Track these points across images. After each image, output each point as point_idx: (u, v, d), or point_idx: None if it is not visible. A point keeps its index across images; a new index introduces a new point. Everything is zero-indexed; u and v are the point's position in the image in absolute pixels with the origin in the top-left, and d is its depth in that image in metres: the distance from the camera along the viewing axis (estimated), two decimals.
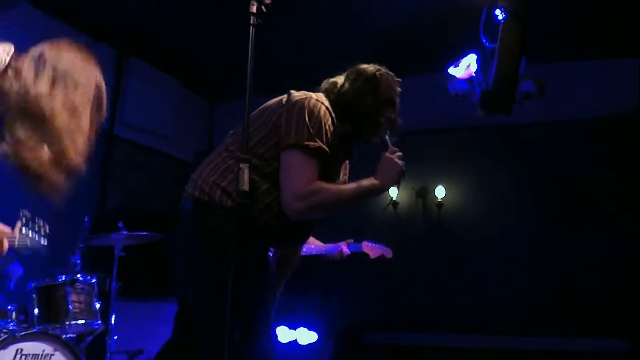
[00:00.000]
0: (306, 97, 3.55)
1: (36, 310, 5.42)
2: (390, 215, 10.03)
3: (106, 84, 8.11)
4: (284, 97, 3.63)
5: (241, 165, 2.92)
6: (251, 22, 3.17)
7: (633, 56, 8.72)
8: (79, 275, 5.60)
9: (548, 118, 8.88)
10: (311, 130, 3.40)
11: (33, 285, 5.48)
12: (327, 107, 3.57)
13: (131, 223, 6.33)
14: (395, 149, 3.81)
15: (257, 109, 3.66)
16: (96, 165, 9.22)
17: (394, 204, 10.04)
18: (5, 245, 4.10)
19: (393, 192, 10.02)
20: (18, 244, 4.18)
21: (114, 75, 9.53)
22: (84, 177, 7.55)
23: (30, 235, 4.34)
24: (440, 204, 9.81)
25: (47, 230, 4.45)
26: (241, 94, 3.31)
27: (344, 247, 6.01)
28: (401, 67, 9.09)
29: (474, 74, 5.62)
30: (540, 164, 9.12)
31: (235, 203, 2.97)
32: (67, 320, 5.43)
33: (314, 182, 3.38)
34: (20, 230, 4.28)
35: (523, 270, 8.83)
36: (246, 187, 2.89)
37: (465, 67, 5.63)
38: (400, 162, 3.74)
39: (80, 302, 5.56)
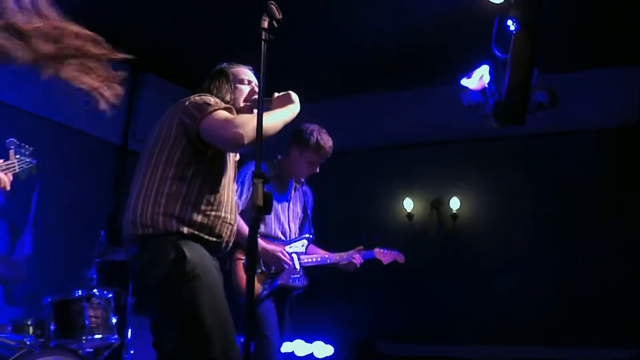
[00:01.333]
0: (188, 98, 3.84)
1: (53, 325, 5.42)
2: (405, 227, 10.04)
3: (120, 99, 8.13)
4: (164, 117, 3.91)
5: (255, 180, 2.95)
6: (263, 37, 3.21)
7: None
8: (95, 290, 5.62)
9: (561, 128, 8.87)
10: (208, 102, 3.69)
11: (49, 300, 5.49)
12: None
13: None
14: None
15: (151, 137, 3.88)
16: (110, 179, 9.28)
17: (409, 216, 10.05)
18: (5, 178, 4.15)
19: (408, 204, 10.04)
20: (18, 170, 4.25)
21: (128, 89, 9.55)
22: (99, 191, 7.55)
23: (23, 159, 4.41)
24: (455, 215, 9.82)
25: (31, 149, 4.56)
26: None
27: (357, 256, 6.05)
28: (414, 79, 9.21)
29: (486, 85, 5.65)
30: (554, 174, 9.11)
31: (253, 219, 3.04)
32: (84, 335, 5.45)
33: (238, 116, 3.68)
34: (15, 156, 4.35)
35: (536, 281, 8.82)
36: (261, 202, 2.92)
37: (478, 78, 5.66)
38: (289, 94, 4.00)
39: (97, 317, 5.58)
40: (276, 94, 3.98)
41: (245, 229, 5.10)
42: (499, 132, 7.42)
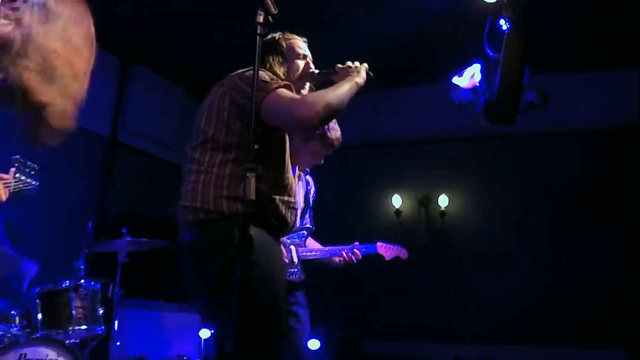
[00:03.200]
0: (239, 74, 3.68)
1: (39, 316, 5.41)
2: (393, 224, 10.08)
3: (110, 91, 8.18)
4: (216, 87, 3.78)
5: (248, 174, 2.91)
6: (258, 31, 3.19)
7: (635, 67, 8.77)
8: (82, 281, 5.60)
9: (550, 128, 8.92)
10: (264, 79, 3.47)
11: (37, 290, 5.47)
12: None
13: (133, 229, 6.35)
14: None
15: (199, 120, 3.73)
16: (99, 170, 9.29)
17: (397, 212, 10.08)
18: (3, 193, 4.12)
19: (396, 201, 10.07)
20: (14, 189, 4.21)
21: (118, 82, 9.62)
22: (87, 182, 7.55)
23: (23, 178, 4.36)
24: (443, 213, 9.87)
25: (37, 168, 4.49)
26: None
27: (356, 251, 5.92)
28: (405, 77, 9.24)
29: (478, 84, 5.66)
30: (543, 173, 9.16)
31: (243, 211, 2.95)
32: (71, 326, 5.43)
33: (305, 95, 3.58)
34: (15, 174, 4.30)
35: (524, 280, 8.87)
36: (252, 197, 2.90)
37: (470, 76, 5.67)
38: (355, 66, 3.94)
39: (83, 308, 5.56)
40: (339, 65, 3.90)
41: None
42: (489, 131, 7.44)
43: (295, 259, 5.50)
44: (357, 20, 7.98)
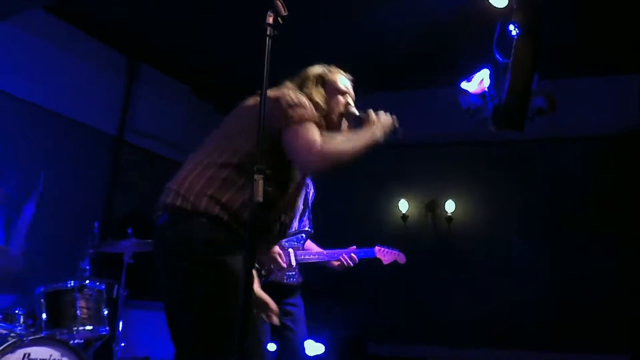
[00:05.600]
0: (282, 89, 3.60)
1: (44, 315, 5.44)
2: (400, 229, 10.09)
3: (116, 89, 8.17)
4: (253, 98, 3.64)
5: (256, 176, 2.92)
6: (267, 32, 3.18)
7: None
8: (87, 281, 5.61)
9: (557, 134, 8.91)
10: (301, 105, 3.45)
11: (41, 290, 5.50)
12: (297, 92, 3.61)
13: (138, 230, 6.35)
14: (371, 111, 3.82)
15: (231, 116, 3.75)
16: (105, 170, 9.30)
17: (404, 217, 10.09)
18: None
19: (403, 205, 10.08)
20: None
21: (125, 81, 9.64)
22: (93, 181, 7.54)
23: None
24: (449, 218, 9.87)
25: None
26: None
27: (353, 255, 5.92)
28: (413, 81, 9.23)
29: (486, 89, 5.65)
30: (551, 179, 9.16)
31: (252, 215, 2.94)
32: (75, 326, 5.45)
33: (323, 138, 3.41)
34: None
35: (529, 286, 8.88)
36: (260, 199, 2.90)
37: (478, 81, 5.66)
38: (384, 116, 3.83)
39: (88, 308, 5.57)
40: (371, 112, 3.81)
41: None
42: (495, 137, 7.44)
43: (294, 262, 5.51)
44: (363, 24, 7.99)
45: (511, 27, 5.18)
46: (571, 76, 8.88)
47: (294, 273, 5.56)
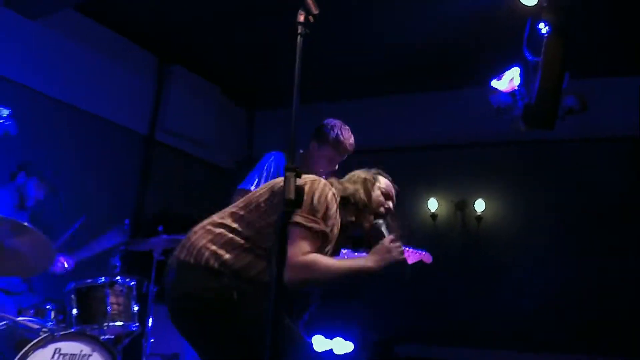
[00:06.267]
0: (315, 180, 3.59)
1: (75, 311, 5.47)
2: (429, 227, 10.07)
3: (148, 90, 8.24)
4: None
5: (287, 174, 2.94)
6: (299, 31, 3.18)
7: None
8: (118, 278, 5.64)
9: (588, 134, 8.85)
10: (317, 212, 3.44)
11: (72, 285, 5.53)
12: (334, 193, 3.60)
13: (169, 227, 6.39)
14: (394, 239, 3.70)
15: (263, 188, 3.72)
16: (136, 169, 9.38)
17: (433, 216, 10.08)
18: None
19: (432, 204, 10.07)
20: None
21: (156, 81, 9.74)
22: (124, 180, 7.59)
23: None
24: (479, 217, 9.83)
25: (7, 113, 4.41)
26: (281, 103, 3.38)
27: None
28: (443, 81, 9.21)
29: (517, 88, 5.64)
30: (581, 179, 9.09)
31: (282, 211, 2.94)
32: (105, 322, 5.46)
33: (310, 255, 3.38)
34: None
35: (559, 287, 8.81)
36: (292, 196, 2.91)
37: (509, 80, 5.65)
38: (396, 251, 3.65)
39: (118, 304, 5.59)
40: (387, 240, 3.69)
41: None
42: (525, 136, 7.40)
43: None
44: (395, 25, 7.99)
45: (541, 25, 5.17)
46: (603, 75, 8.82)
47: None
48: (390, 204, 3.93)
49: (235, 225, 3.49)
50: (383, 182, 3.96)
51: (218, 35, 8.95)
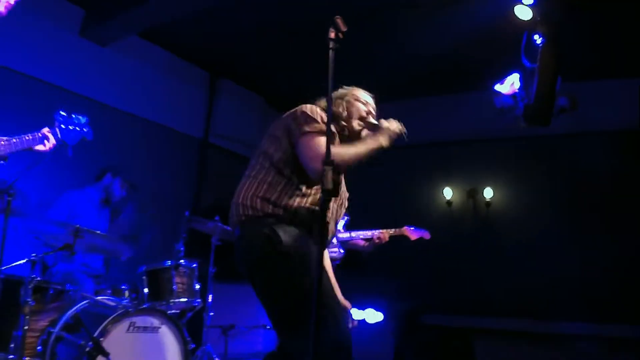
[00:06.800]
0: (302, 105, 3.70)
1: (146, 290, 5.59)
2: (445, 213, 10.12)
3: (201, 100, 8.33)
4: (280, 118, 3.79)
5: (325, 167, 3.01)
6: (330, 46, 3.24)
7: None
8: (182, 261, 5.74)
9: (582, 129, 8.84)
10: (315, 120, 3.55)
11: (144, 268, 5.64)
12: (321, 109, 3.69)
13: (223, 220, 6.47)
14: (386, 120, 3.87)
15: (265, 135, 3.82)
16: (193, 167, 9.53)
17: (449, 203, 10.12)
18: (49, 141, 4.10)
19: (447, 192, 10.11)
20: (61, 136, 4.20)
21: (208, 93, 9.90)
22: (184, 178, 7.69)
23: (69, 127, 4.32)
24: (488, 203, 9.86)
25: (84, 120, 4.43)
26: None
27: (377, 234, 6.08)
28: (455, 86, 9.23)
29: (517, 90, 5.67)
30: (576, 169, 9.07)
31: (322, 201, 3.01)
32: (172, 299, 5.58)
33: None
34: (59, 127, 4.27)
35: (557, 262, 8.82)
36: (329, 186, 2.98)
37: (510, 84, 5.69)
38: (393, 125, 3.82)
39: (183, 283, 5.68)
40: (383, 121, 3.84)
41: None
42: (526, 132, 7.42)
43: (334, 241, 5.70)
44: (417, 38, 8.00)
45: (536, 36, 5.20)
46: (594, 78, 8.83)
47: (335, 249, 5.75)
48: (370, 107, 4.01)
49: (267, 168, 3.68)
50: (359, 93, 4.04)
51: (260, 52, 9.08)
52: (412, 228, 6.63)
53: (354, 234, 6.05)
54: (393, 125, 3.79)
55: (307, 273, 3.29)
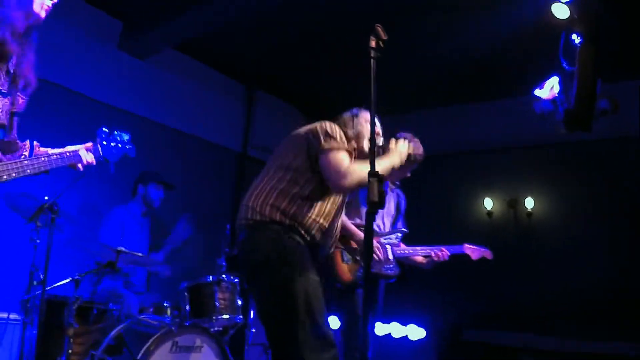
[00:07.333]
0: (322, 121, 3.93)
1: (187, 307, 5.59)
2: (486, 224, 10.03)
3: (238, 113, 8.41)
4: (299, 130, 4.04)
5: (370, 179, 3.01)
6: (372, 55, 3.24)
7: None
8: (224, 276, 5.76)
9: (623, 134, 8.68)
10: (335, 137, 3.78)
11: (185, 285, 5.66)
12: (336, 127, 3.93)
13: None
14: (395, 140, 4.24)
15: (279, 146, 4.09)
16: (233, 180, 9.63)
17: (489, 213, 10.04)
18: (86, 157, 4.09)
19: (488, 203, 10.03)
20: (102, 153, 4.20)
21: (245, 106, 10.08)
22: (224, 190, 7.75)
23: (111, 144, 4.32)
24: (529, 214, 9.77)
25: (127, 138, 4.42)
26: None
27: (444, 251, 6.00)
28: (494, 92, 9.16)
29: (557, 95, 5.62)
30: (619, 176, 8.95)
31: (367, 213, 3.04)
32: (215, 315, 5.58)
33: (350, 165, 3.75)
34: (100, 144, 4.27)
35: (601, 276, 8.63)
36: (376, 198, 2.98)
37: (549, 88, 5.63)
38: (404, 147, 4.20)
39: (225, 300, 5.67)
40: (393, 141, 4.16)
41: (346, 221, 5.21)
42: (567, 138, 7.34)
43: (391, 256, 5.67)
44: (453, 43, 8.00)
45: (574, 36, 5.15)
46: (632, 79, 8.65)
47: (391, 265, 5.71)
48: (378, 128, 4.18)
49: (280, 176, 3.93)
50: (364, 115, 4.20)
51: (294, 65, 9.25)
52: (472, 247, 6.45)
53: (411, 249, 5.98)
54: (401, 146, 4.14)
55: (303, 281, 3.50)
